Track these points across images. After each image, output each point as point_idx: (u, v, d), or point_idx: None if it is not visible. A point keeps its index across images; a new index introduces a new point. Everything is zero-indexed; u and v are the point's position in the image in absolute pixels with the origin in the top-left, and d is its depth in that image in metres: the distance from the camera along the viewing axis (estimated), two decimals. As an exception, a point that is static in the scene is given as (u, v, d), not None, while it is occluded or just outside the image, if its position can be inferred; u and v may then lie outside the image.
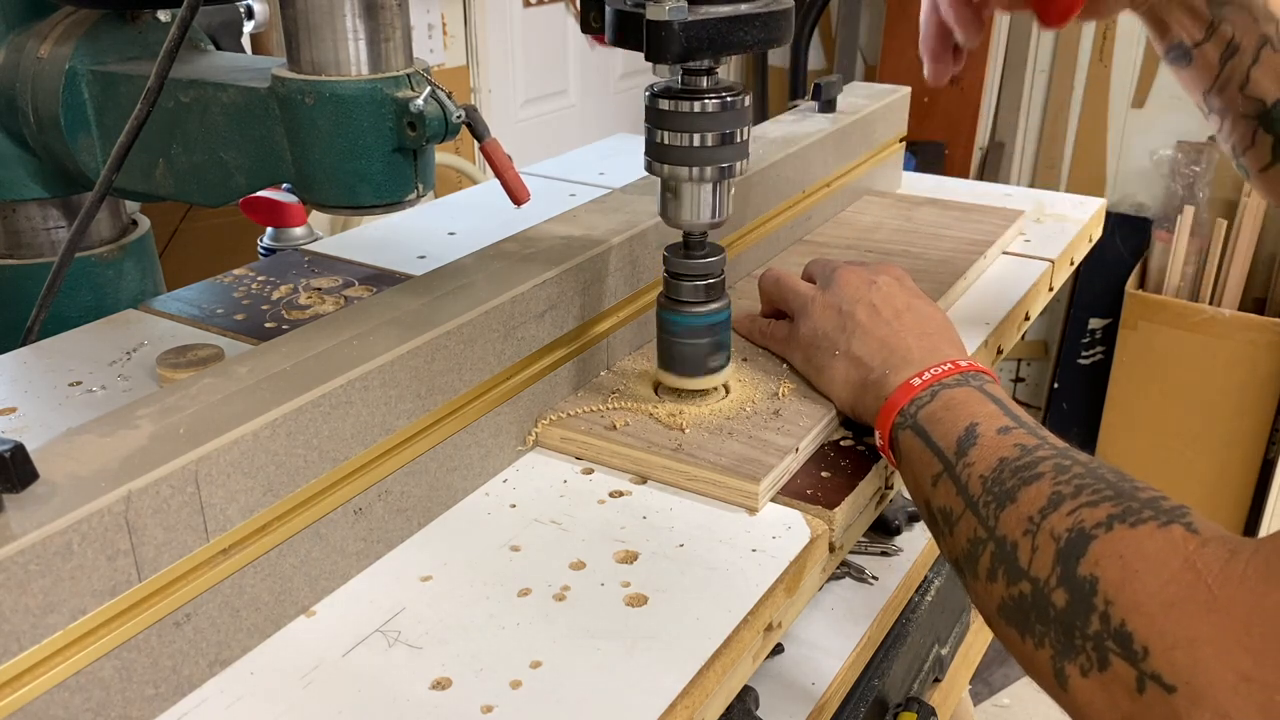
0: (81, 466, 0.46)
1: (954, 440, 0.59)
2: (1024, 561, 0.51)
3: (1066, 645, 0.47)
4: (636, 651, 0.52)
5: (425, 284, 0.67)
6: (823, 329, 0.72)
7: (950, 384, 0.63)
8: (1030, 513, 0.52)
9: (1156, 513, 0.47)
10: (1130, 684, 0.44)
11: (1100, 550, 0.47)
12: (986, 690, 2.13)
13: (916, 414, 0.62)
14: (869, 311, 0.71)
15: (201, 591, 0.49)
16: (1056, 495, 0.51)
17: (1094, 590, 0.46)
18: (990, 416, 0.59)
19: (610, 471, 0.67)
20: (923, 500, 0.61)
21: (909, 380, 0.65)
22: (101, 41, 0.80)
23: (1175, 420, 2.45)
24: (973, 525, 0.55)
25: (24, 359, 0.77)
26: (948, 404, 0.62)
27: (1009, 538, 0.52)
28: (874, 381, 0.67)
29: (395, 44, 0.65)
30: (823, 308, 0.74)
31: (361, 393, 0.56)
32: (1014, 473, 0.54)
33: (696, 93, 0.63)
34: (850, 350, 0.70)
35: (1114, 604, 0.45)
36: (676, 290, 0.69)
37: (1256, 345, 2.32)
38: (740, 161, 0.65)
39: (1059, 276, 1.04)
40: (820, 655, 0.91)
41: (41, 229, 0.88)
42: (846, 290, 0.74)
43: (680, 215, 0.67)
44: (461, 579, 0.57)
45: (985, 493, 0.55)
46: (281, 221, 1.17)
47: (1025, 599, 0.50)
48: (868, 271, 0.76)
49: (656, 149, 0.65)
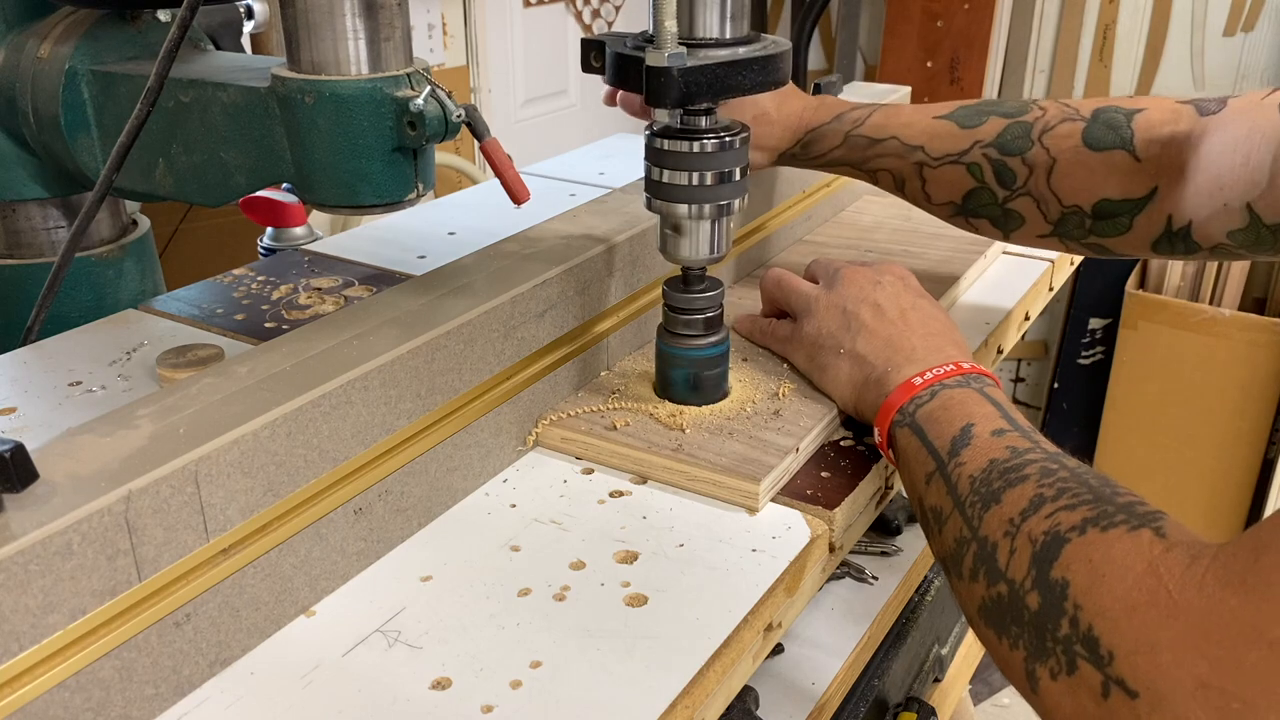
0: (81, 466, 0.46)
1: (949, 440, 0.59)
2: (1003, 563, 0.51)
3: (1039, 648, 0.47)
4: (636, 651, 0.52)
5: (425, 284, 0.67)
6: (827, 328, 0.72)
7: (951, 384, 0.63)
8: (1012, 514, 0.52)
9: (1129, 517, 0.48)
10: (1096, 688, 0.44)
11: (1072, 554, 0.47)
12: (986, 690, 2.13)
13: (915, 412, 0.63)
14: (873, 311, 0.71)
15: (201, 591, 0.49)
16: (1038, 498, 0.51)
17: (1064, 594, 0.47)
18: (986, 418, 0.59)
19: (610, 471, 0.67)
20: (916, 498, 0.61)
21: (910, 379, 0.65)
22: (101, 41, 0.80)
23: (1175, 420, 2.45)
24: (959, 525, 0.55)
25: (24, 359, 0.77)
26: (946, 404, 0.62)
27: (990, 538, 0.52)
28: (875, 379, 0.67)
29: (395, 44, 0.65)
30: (827, 307, 0.74)
31: (361, 393, 0.56)
32: (1001, 474, 0.54)
33: (695, 133, 0.63)
34: (854, 349, 0.70)
35: (1082, 608, 0.46)
36: (676, 324, 0.70)
37: (1256, 345, 2.32)
38: (738, 199, 0.66)
39: (1059, 276, 1.04)
40: (820, 655, 0.91)
41: (41, 229, 0.88)
42: (851, 290, 0.74)
43: (680, 251, 0.67)
44: (461, 579, 0.57)
45: (972, 493, 0.55)
46: (281, 221, 1.17)
47: (1003, 600, 0.50)
48: (872, 271, 0.76)
49: (656, 186, 0.66)
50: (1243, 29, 2.44)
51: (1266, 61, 2.43)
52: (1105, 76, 2.65)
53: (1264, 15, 2.42)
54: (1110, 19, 2.58)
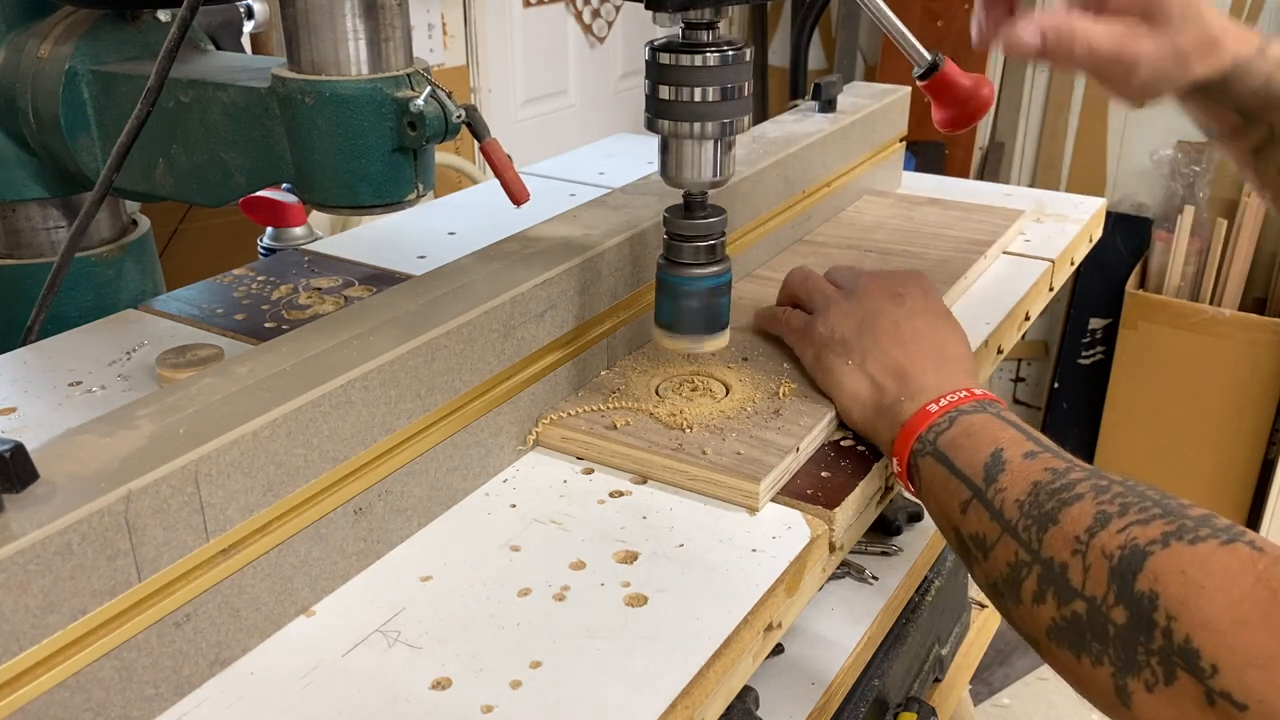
0: (81, 466, 0.46)
1: (980, 466, 0.58)
2: (1076, 581, 0.50)
3: (1128, 661, 0.47)
4: (636, 651, 0.52)
5: (425, 284, 0.67)
6: (839, 333, 0.71)
7: (967, 410, 0.62)
8: (1076, 532, 0.51)
9: (1214, 530, 0.47)
10: (1199, 698, 0.44)
11: (1159, 566, 0.47)
12: (986, 690, 2.13)
13: (936, 440, 0.61)
14: (889, 328, 0.70)
15: (201, 591, 0.49)
16: (1102, 514, 0.51)
17: (1154, 605, 0.46)
18: (1014, 441, 0.58)
19: (610, 471, 0.67)
20: (950, 527, 0.60)
21: (925, 406, 0.64)
22: (101, 41, 0.80)
23: (1175, 420, 2.45)
24: (1013, 549, 0.54)
25: (24, 359, 0.77)
26: (968, 430, 0.61)
27: (1057, 559, 0.52)
28: (888, 406, 0.66)
29: (395, 44, 0.65)
30: (843, 313, 0.72)
31: (361, 393, 0.56)
32: (1051, 495, 0.54)
33: (698, 46, 0.62)
34: (864, 365, 0.69)
35: (1177, 619, 0.45)
36: (676, 252, 0.68)
37: (1256, 345, 2.32)
38: (743, 118, 0.64)
39: (1059, 276, 1.04)
40: (820, 655, 0.91)
41: (41, 229, 0.88)
42: (869, 300, 0.73)
43: (681, 174, 0.65)
44: (461, 579, 0.57)
45: (1024, 517, 0.54)
46: (281, 221, 1.17)
47: (1080, 618, 0.50)
48: (893, 282, 0.74)
49: (657, 104, 0.64)
50: (1243, 29, 2.44)
51: (1266, 61, 2.43)
52: (1105, 76, 2.64)
53: (1264, 15, 2.42)
54: (1110, 19, 2.58)
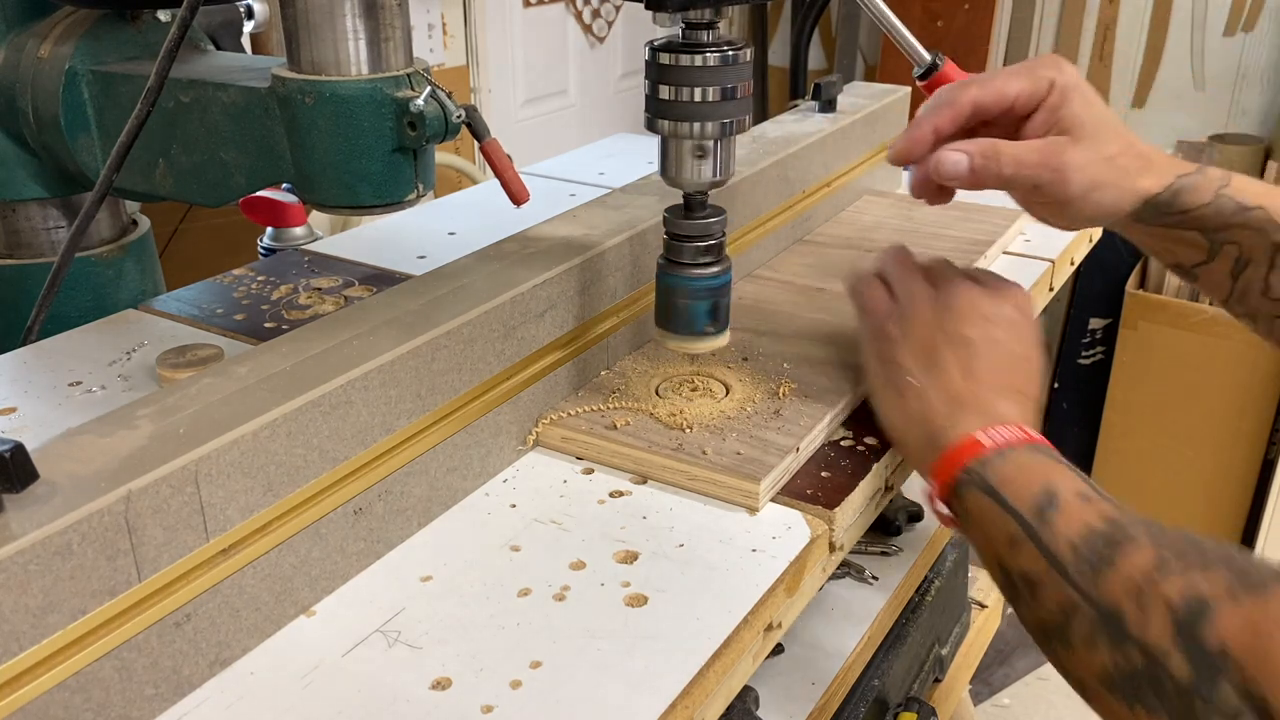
0: (81, 466, 0.46)
1: (1032, 504, 0.56)
2: (1133, 629, 0.49)
3: (1186, 715, 0.46)
4: (636, 651, 0.52)
5: (425, 284, 0.67)
6: (912, 341, 0.67)
7: (1020, 449, 0.60)
8: (1134, 576, 0.50)
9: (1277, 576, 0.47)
10: None
11: (1227, 620, 0.46)
12: (986, 690, 2.13)
13: (984, 472, 0.59)
14: (964, 356, 0.65)
15: (201, 592, 0.49)
16: (1161, 561, 0.50)
17: (1224, 663, 0.45)
18: (1067, 481, 0.57)
19: (610, 471, 0.67)
20: (995, 563, 0.58)
21: (974, 435, 0.61)
22: (101, 41, 0.80)
23: (1175, 420, 2.45)
24: (1063, 591, 0.53)
25: (24, 359, 0.77)
26: (1021, 466, 0.58)
27: (1111, 603, 0.50)
28: (938, 428, 0.63)
29: (395, 44, 0.65)
30: (923, 322, 0.67)
31: (361, 393, 0.56)
32: (1106, 538, 0.53)
33: (698, 46, 0.62)
34: (925, 384, 0.65)
35: (1250, 676, 0.44)
36: (676, 252, 0.67)
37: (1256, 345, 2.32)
38: (743, 118, 0.64)
39: (1059, 276, 1.04)
40: (820, 655, 0.91)
41: (41, 229, 0.88)
42: (951, 320, 0.67)
43: (681, 174, 0.65)
44: (461, 579, 0.57)
45: (1078, 559, 0.53)
46: (281, 221, 1.17)
47: (1137, 669, 0.49)
48: (990, 301, 0.68)
49: (657, 105, 0.63)
50: (1243, 29, 2.44)
51: (1266, 61, 2.43)
52: (1106, 76, 2.65)
53: (1264, 15, 2.42)
54: (1110, 19, 2.59)
